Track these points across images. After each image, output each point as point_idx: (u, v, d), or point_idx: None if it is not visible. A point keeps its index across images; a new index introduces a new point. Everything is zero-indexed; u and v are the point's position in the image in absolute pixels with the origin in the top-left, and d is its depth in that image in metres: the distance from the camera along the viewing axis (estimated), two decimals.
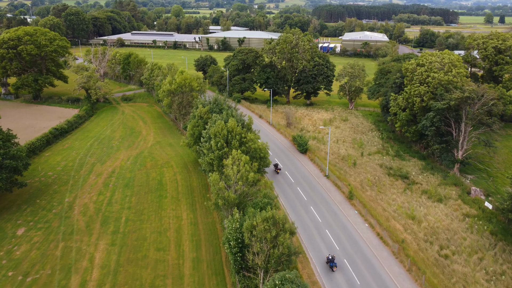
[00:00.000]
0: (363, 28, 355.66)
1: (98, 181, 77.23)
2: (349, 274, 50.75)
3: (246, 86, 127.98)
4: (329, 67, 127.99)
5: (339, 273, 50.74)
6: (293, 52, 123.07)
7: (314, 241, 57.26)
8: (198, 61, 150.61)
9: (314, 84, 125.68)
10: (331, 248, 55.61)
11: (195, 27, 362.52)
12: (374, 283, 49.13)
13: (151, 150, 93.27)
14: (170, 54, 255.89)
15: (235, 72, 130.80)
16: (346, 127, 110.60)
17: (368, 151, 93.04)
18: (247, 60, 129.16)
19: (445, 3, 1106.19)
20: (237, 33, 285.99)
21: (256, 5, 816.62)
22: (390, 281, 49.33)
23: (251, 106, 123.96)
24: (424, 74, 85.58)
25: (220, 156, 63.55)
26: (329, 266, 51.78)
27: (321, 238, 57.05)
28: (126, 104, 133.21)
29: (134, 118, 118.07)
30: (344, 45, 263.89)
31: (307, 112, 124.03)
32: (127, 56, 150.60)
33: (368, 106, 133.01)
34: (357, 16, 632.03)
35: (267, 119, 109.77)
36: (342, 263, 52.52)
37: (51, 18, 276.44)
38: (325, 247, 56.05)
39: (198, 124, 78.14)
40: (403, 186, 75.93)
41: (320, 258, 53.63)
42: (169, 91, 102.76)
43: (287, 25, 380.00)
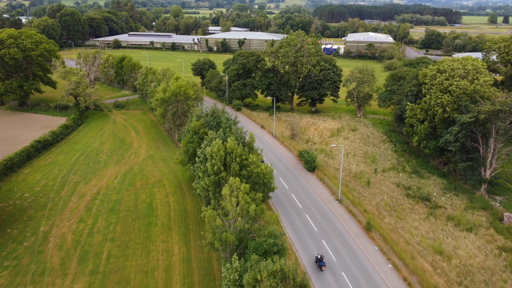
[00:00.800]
0: (367, 29, 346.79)
1: (80, 204, 68.32)
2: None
3: (247, 93, 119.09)
4: (336, 72, 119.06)
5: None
6: (297, 56, 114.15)
7: (329, 287, 48.34)
8: (195, 65, 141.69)
9: (320, 90, 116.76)
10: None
11: (194, 28, 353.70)
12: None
13: (142, 166, 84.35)
14: (168, 56, 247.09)
15: (235, 77, 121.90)
16: (355, 138, 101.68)
17: (381, 166, 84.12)
18: (248, 65, 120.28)
19: (446, 3, 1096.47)
20: (237, 34, 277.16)
21: (256, 5, 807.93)
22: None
23: (252, 114, 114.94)
24: (446, 83, 76.61)
25: (217, 182, 54.67)
26: (318, 266, 51.18)
27: (338, 284, 48.06)
28: (118, 112, 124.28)
29: (126, 128, 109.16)
30: (348, 47, 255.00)
31: (313, 120, 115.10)
32: (120, 60, 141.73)
33: (377, 113, 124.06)
34: (359, 16, 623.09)
35: (269, 129, 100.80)
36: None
37: (45, 19, 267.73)
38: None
39: (193, 140, 69.28)
40: (425, 210, 66.98)
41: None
42: (162, 99, 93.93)
43: (288, 25, 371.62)
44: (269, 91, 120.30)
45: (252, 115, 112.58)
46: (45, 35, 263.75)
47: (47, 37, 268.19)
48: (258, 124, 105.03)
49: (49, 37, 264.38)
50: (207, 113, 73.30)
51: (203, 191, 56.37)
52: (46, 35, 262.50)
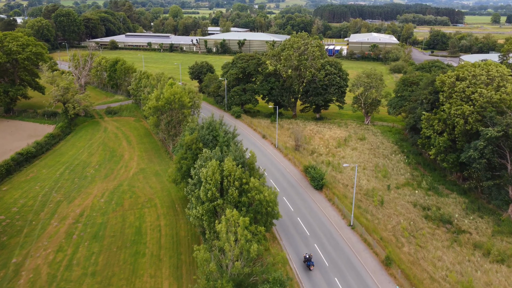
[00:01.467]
0: (369, 29, 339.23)
1: (60, 229, 60.90)
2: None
3: (247, 98, 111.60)
4: (342, 76, 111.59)
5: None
6: (301, 60, 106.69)
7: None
8: (193, 68, 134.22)
9: (326, 96, 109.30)
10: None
11: (193, 29, 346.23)
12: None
13: (133, 182, 76.91)
14: (165, 57, 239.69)
15: (235, 81, 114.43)
16: (364, 148, 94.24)
17: (395, 182, 76.68)
18: (248, 69, 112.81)
19: (447, 3, 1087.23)
20: (237, 35, 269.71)
21: (256, 5, 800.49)
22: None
23: (252, 122, 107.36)
24: (468, 91, 69.18)
25: (212, 210, 47.25)
26: (306, 265, 50.95)
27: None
28: (110, 119, 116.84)
29: (117, 137, 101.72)
30: (351, 48, 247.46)
31: (317, 128, 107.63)
32: (114, 63, 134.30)
33: (386, 120, 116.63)
34: (360, 16, 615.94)
35: (272, 140, 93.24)
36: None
37: (39, 20, 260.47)
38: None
39: (187, 157, 61.91)
40: (448, 236, 59.55)
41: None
42: (155, 108, 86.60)
43: (289, 25, 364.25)
44: (270, 97, 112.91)
45: (253, 123, 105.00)
46: (39, 36, 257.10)
47: (41, 38, 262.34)
48: (259, 134, 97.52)
49: (44, 38, 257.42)
50: (202, 125, 65.85)
51: (197, 220, 48.95)
52: (40, 36, 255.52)
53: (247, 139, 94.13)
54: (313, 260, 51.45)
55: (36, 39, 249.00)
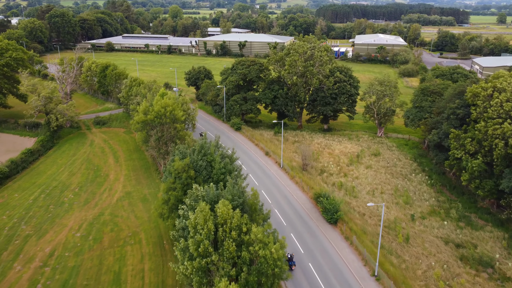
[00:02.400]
0: (374, 30, 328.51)
1: (24, 275, 50.68)
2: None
3: (248, 108, 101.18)
4: (353, 83, 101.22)
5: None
6: (307, 66, 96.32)
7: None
8: (189, 74, 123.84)
9: (335, 105, 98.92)
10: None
11: (192, 30, 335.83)
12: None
13: (116, 210, 66.67)
14: (163, 60, 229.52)
15: (234, 89, 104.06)
16: (379, 165, 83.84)
17: (419, 210, 66.33)
18: (249, 75, 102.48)
19: (449, 2, 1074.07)
20: (238, 36, 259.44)
21: (257, 5, 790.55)
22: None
23: (254, 135, 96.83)
24: (507, 105, 58.79)
25: (204, 269, 36.93)
26: (288, 265, 48.81)
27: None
28: (98, 130, 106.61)
29: (104, 152, 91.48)
30: (356, 50, 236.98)
31: (326, 141, 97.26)
32: (104, 68, 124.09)
33: (401, 131, 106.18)
34: (363, 16, 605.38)
35: (276, 157, 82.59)
36: None
37: (32, 21, 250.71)
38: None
39: (175, 187, 51.65)
40: (492, 285, 49.12)
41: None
42: (143, 122, 76.36)
43: (291, 26, 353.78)
44: (274, 106, 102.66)
45: (255, 136, 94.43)
46: (32, 37, 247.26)
47: (34, 39, 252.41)
48: (262, 150, 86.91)
49: (37, 39, 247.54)
50: (195, 148, 55.51)
51: (185, 279, 38.62)
52: (33, 37, 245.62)
53: (248, 157, 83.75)
54: (293, 258, 50.35)
55: (28, 40, 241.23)
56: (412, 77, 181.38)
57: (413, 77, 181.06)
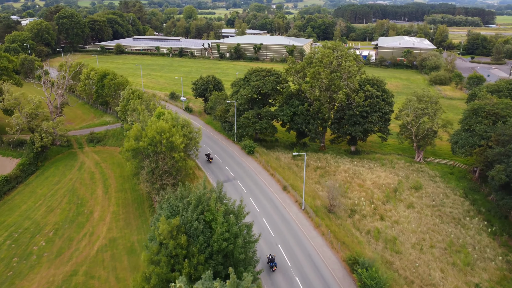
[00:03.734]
0: (398, 31, 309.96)
1: None
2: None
3: (263, 127, 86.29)
4: (387, 99, 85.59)
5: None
6: (333, 78, 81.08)
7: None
8: (196, 84, 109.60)
9: (365, 125, 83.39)
10: None
11: (206, 31, 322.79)
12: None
13: (94, 267, 52.74)
14: (173, 64, 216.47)
15: (247, 105, 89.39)
16: (423, 204, 68.15)
17: (484, 277, 50.60)
18: (264, 88, 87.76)
19: (470, 2, 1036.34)
20: (253, 39, 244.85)
21: (274, 5, 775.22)
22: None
23: (269, 159, 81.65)
24: None
25: None
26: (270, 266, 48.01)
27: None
28: (92, 149, 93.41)
29: (93, 179, 77.99)
30: (380, 53, 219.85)
31: (354, 168, 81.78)
32: (102, 77, 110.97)
33: (442, 154, 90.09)
34: (383, 17, 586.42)
35: (295, 195, 66.98)
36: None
37: (39, 22, 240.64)
38: None
39: (159, 260, 37.35)
40: None
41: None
42: (134, 150, 62.54)
43: (309, 27, 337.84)
44: (293, 125, 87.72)
45: (270, 162, 79.15)
46: (39, 39, 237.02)
47: (41, 41, 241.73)
48: (278, 182, 71.56)
49: (43, 41, 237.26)
50: (190, 201, 41.05)
51: None
52: (39, 39, 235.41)
53: (262, 191, 68.83)
54: (274, 258, 49.49)
55: (34, 43, 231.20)
56: (444, 85, 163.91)
57: (445, 85, 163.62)
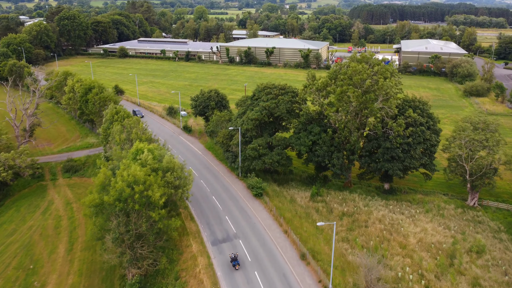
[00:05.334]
0: (421, 34, 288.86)
1: None
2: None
3: (274, 160, 68.48)
4: (433, 126, 67.21)
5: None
6: (366, 101, 63.04)
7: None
8: (196, 100, 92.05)
9: (406, 161, 65.03)
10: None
11: (215, 33, 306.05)
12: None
13: None
14: (179, 69, 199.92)
15: (255, 131, 71.75)
16: (492, 279, 49.70)
17: None
18: (277, 110, 70.10)
19: (488, 2, 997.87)
20: (265, 42, 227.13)
21: (287, 5, 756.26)
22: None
23: (282, 202, 63.77)
24: None
25: None
26: (232, 265, 47.88)
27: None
28: (66, 182, 76.96)
29: (58, 229, 61.32)
30: (404, 58, 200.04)
31: (391, 215, 63.54)
32: (86, 91, 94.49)
33: (500, 194, 71.27)
34: (401, 17, 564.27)
35: (314, 266, 48.41)
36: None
37: (38, 23, 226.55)
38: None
39: None
40: None
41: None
42: (97, 206, 45.62)
43: (325, 29, 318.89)
44: (312, 156, 69.89)
45: (283, 210, 60.75)
46: (37, 42, 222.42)
47: (40, 44, 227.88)
48: (294, 245, 52.47)
49: (43, 44, 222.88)
50: None
51: None
52: (38, 42, 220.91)
53: (272, 260, 50.63)
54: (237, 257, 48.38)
55: (32, 46, 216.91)
56: (482, 97, 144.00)
57: (483, 97, 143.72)
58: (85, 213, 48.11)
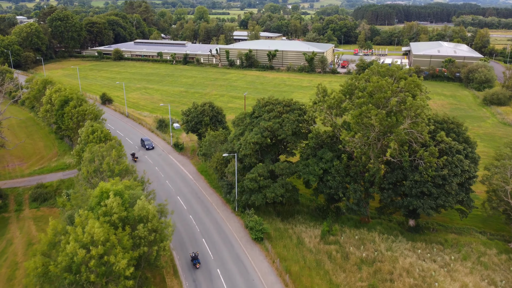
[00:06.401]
0: (430, 35, 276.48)
1: None
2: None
3: (278, 194, 56.69)
4: (471, 154, 55.28)
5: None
6: (390, 124, 51.17)
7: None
8: (188, 115, 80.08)
9: (441, 198, 53.06)
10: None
11: (215, 34, 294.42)
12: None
13: None
14: (175, 73, 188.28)
15: (254, 156, 59.96)
16: None
17: None
18: (281, 132, 58.40)
19: (492, 2, 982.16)
20: (267, 44, 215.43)
21: (290, 5, 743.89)
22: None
23: (287, 247, 52.07)
24: None
25: None
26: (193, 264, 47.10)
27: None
28: (33, 214, 65.38)
29: (11, 281, 49.64)
30: (415, 62, 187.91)
31: (421, 264, 51.71)
32: (63, 103, 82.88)
33: None
34: (406, 18, 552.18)
35: None
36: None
37: (29, 25, 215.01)
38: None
39: None
40: None
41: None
42: (42, 277, 33.88)
43: (329, 30, 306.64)
44: (323, 188, 58.12)
45: (288, 259, 48.98)
46: (27, 44, 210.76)
47: (30, 46, 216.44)
48: None
49: (33, 46, 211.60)
50: None
51: None
52: (28, 44, 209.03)
53: None
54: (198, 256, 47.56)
55: (21, 48, 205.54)
56: (503, 105, 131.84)
57: (504, 106, 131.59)
58: (26, 283, 36.44)
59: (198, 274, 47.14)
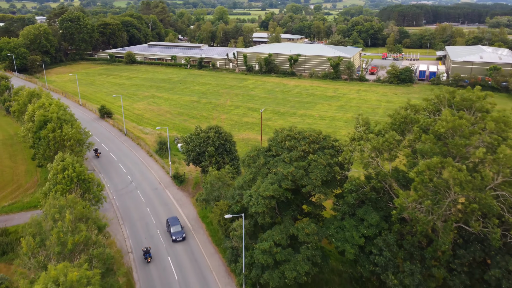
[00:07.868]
0: (465, 38, 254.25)
1: None
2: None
3: (300, 272, 40.44)
4: None
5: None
6: (476, 187, 34.04)
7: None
8: (189, 143, 64.39)
9: None
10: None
11: (234, 36, 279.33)
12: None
13: None
14: (188, 79, 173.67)
15: (269, 215, 43.79)
16: None
17: None
18: (307, 180, 42.06)
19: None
20: (288, 47, 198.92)
21: (312, 5, 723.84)
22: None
23: None
24: None
25: None
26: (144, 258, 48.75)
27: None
28: None
29: None
30: (454, 69, 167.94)
31: None
32: (41, 125, 68.55)
33: None
34: (434, 19, 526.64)
35: None
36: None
37: (37, 27, 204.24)
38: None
39: None
40: None
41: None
42: None
43: (355, 32, 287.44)
44: (364, 261, 41.44)
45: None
46: (35, 46, 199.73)
47: (39, 49, 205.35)
48: None
49: (41, 49, 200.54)
50: None
51: None
52: (36, 47, 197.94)
53: None
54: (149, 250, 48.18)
55: (27, 51, 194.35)
56: None
57: None
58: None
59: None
